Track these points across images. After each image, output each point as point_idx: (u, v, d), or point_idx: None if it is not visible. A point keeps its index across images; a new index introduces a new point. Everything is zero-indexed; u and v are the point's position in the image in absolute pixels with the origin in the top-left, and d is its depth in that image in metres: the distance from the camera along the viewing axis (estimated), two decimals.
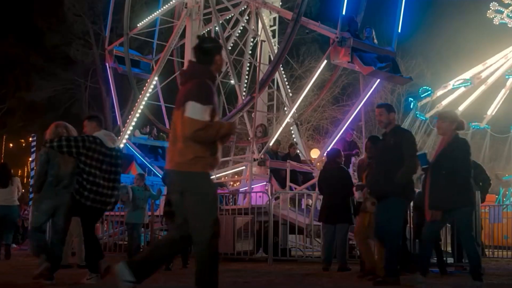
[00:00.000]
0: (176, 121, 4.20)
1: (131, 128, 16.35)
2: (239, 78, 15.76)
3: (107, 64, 18.31)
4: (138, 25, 17.76)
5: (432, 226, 6.29)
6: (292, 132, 15.23)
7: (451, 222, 8.60)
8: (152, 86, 16.36)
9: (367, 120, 19.15)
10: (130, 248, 10.14)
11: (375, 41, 12.88)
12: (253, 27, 14.81)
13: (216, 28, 14.71)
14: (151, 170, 16.34)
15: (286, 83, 15.55)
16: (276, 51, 14.17)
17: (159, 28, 18.65)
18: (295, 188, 12.42)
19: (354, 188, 7.85)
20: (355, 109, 13.99)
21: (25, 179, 29.74)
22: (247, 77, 16.48)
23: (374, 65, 12.16)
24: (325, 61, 12.77)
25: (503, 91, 24.91)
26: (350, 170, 11.94)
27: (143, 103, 15.94)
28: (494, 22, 25.05)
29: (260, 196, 11.29)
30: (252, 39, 15.67)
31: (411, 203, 8.42)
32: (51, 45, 30.30)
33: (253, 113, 14.29)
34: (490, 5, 25.16)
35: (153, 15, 17.65)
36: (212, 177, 4.26)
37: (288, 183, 12.04)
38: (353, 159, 13.31)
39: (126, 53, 17.19)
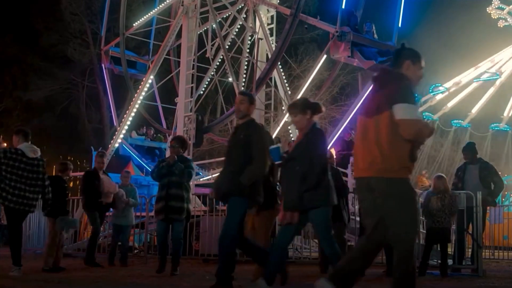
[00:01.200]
0: (368, 127, 4.13)
1: (126, 127, 16.14)
2: (237, 77, 15.55)
3: (103, 65, 18.11)
4: (134, 24, 17.56)
5: (286, 230, 5.39)
6: (290, 131, 15.00)
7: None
8: (147, 86, 16.13)
9: None
10: (113, 250, 9.91)
11: (375, 36, 12.61)
12: (250, 24, 14.57)
13: (213, 26, 14.47)
14: (148, 170, 16.15)
15: (285, 81, 15.36)
16: (274, 49, 13.94)
17: (155, 28, 18.44)
18: None
19: None
20: (354, 108, 13.76)
21: None
22: (245, 75, 16.28)
23: (375, 59, 11.83)
24: (325, 56, 12.44)
25: None
26: (349, 170, 11.79)
27: (138, 102, 15.73)
28: (499, 25, 24.98)
29: None
30: (249, 37, 15.45)
31: (421, 207, 8.26)
32: (48, 45, 30.12)
33: None
34: (488, 8, 25.06)
35: (149, 14, 17.44)
36: None
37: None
38: (351, 159, 13.14)
39: (122, 53, 16.97)
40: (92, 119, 32.33)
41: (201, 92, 16.24)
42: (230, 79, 14.91)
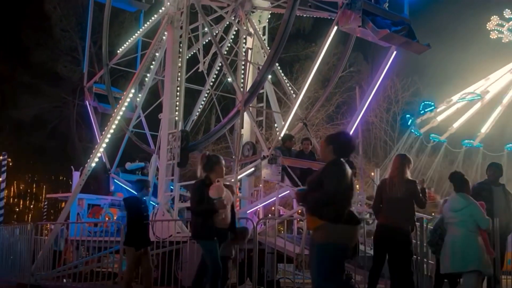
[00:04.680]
0: None
1: (98, 154, 14.56)
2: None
3: (87, 102, 16.77)
4: (118, 51, 16.21)
5: None
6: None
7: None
8: (124, 107, 14.75)
9: (362, 139, 18.22)
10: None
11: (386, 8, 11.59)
12: (245, 27, 13.62)
13: (206, 29, 13.52)
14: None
15: (286, 80, 14.54)
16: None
17: (142, 54, 16.91)
18: None
19: None
20: (351, 127, 12.81)
21: None
22: (242, 76, 15.27)
23: (388, 29, 10.75)
24: (335, 28, 11.02)
25: (499, 108, 23.90)
26: None
27: (111, 131, 14.21)
28: (503, 41, 24.33)
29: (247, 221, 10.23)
30: (244, 41, 14.46)
31: (424, 235, 7.34)
32: (38, 62, 29.70)
33: (242, 130, 13.07)
34: (488, 24, 24.52)
35: (133, 37, 15.91)
36: None
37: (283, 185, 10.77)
38: None
39: (108, 86, 15.54)
40: (82, 138, 31.63)
41: (195, 117, 15.43)
42: (230, 79, 13.67)
